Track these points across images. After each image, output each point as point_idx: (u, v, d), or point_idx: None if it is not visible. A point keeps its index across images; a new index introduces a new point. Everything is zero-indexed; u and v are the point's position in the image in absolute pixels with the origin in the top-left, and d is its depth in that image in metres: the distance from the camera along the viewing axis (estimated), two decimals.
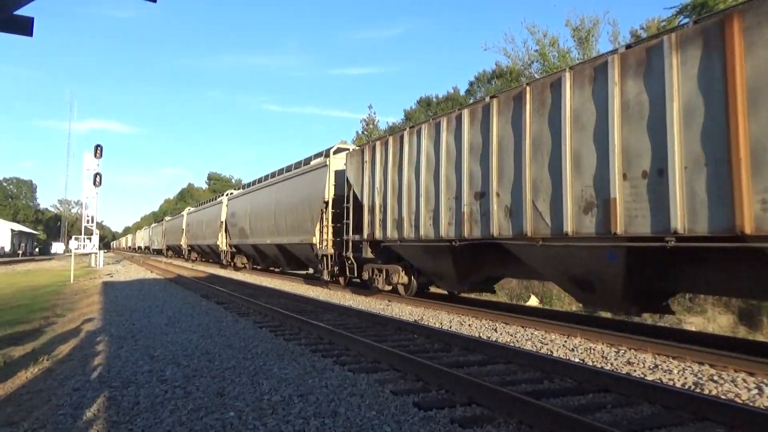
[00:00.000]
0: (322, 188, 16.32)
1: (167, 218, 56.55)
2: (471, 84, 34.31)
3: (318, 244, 16.44)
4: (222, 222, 29.18)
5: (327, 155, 16.88)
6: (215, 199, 34.58)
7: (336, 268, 15.83)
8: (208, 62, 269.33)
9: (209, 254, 34.91)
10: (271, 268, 26.57)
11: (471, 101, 17.01)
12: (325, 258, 16.14)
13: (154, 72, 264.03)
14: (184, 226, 41.19)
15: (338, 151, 16.77)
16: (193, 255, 40.33)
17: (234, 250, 27.99)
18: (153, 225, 71.75)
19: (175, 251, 48.50)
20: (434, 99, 37.02)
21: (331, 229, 15.77)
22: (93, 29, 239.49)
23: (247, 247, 25.74)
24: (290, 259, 21.18)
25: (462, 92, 35.29)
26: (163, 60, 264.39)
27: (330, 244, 15.71)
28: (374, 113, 37.96)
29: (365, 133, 36.28)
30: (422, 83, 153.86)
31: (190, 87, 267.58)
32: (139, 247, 79.94)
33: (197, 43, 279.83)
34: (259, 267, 27.36)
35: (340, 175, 15.65)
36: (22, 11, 3.79)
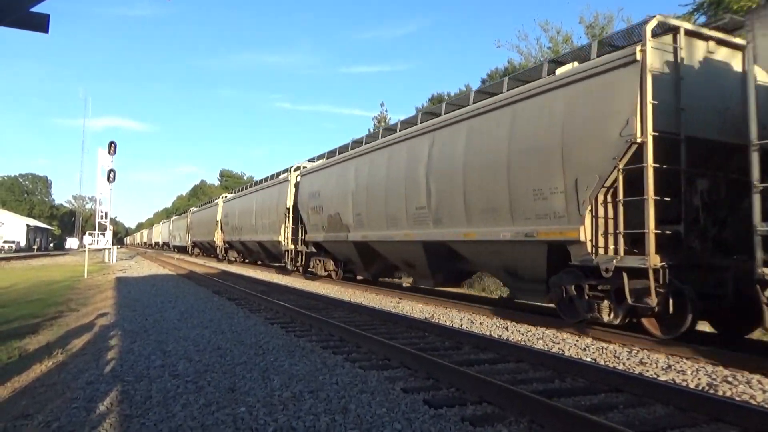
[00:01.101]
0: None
1: (193, 209, 46.53)
2: (483, 81, 34.17)
3: None
4: (288, 208, 20.24)
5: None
6: (273, 177, 24.13)
7: None
8: (221, 60, 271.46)
9: (259, 254, 26.57)
10: (363, 280, 16.77)
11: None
12: None
13: (168, 70, 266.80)
14: (219, 218, 32.29)
15: None
16: (232, 254, 32.12)
17: (312, 250, 18.46)
18: (174, 218, 62.22)
19: (204, 249, 40.01)
20: (446, 96, 36.94)
21: None
22: (107, 27, 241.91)
23: (344, 247, 15.74)
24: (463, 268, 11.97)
25: (474, 90, 35.17)
26: (176, 58, 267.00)
27: None
28: (386, 111, 37.96)
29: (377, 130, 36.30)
30: (433, 81, 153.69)
31: (203, 85, 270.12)
32: (156, 243, 73.91)
33: (210, 41, 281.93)
34: (358, 278, 17.14)
35: None
36: (38, 8, 3.82)
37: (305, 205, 18.41)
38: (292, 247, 20.02)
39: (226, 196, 34.16)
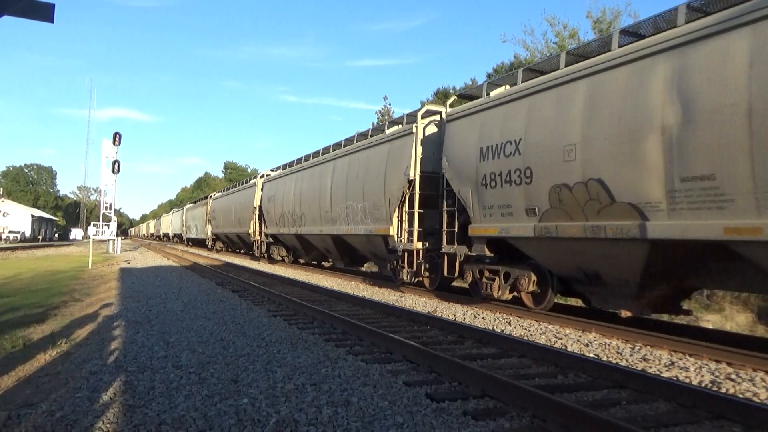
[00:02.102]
0: None
1: (216, 194, 38.15)
2: (489, 76, 34.09)
3: None
4: (410, 182, 12.19)
5: None
6: (368, 134, 15.41)
7: None
8: (226, 52, 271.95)
9: (328, 253, 18.53)
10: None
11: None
12: None
13: (173, 61, 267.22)
14: (257, 203, 25.23)
15: None
16: (278, 251, 24.04)
17: (482, 252, 9.85)
18: (188, 206, 53.15)
19: (231, 243, 33.35)
20: (451, 90, 36.84)
21: None
22: (113, 18, 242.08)
23: (607, 252, 7.41)
24: None
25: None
26: (182, 49, 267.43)
27: None
28: (389, 104, 37.94)
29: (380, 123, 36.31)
30: (439, 75, 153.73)
31: (208, 76, 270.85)
32: (166, 235, 67.84)
33: (216, 33, 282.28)
34: (625, 315, 7.85)
35: None
36: None
37: (466, 171, 10.12)
38: (419, 245, 11.98)
39: (268, 175, 25.71)
